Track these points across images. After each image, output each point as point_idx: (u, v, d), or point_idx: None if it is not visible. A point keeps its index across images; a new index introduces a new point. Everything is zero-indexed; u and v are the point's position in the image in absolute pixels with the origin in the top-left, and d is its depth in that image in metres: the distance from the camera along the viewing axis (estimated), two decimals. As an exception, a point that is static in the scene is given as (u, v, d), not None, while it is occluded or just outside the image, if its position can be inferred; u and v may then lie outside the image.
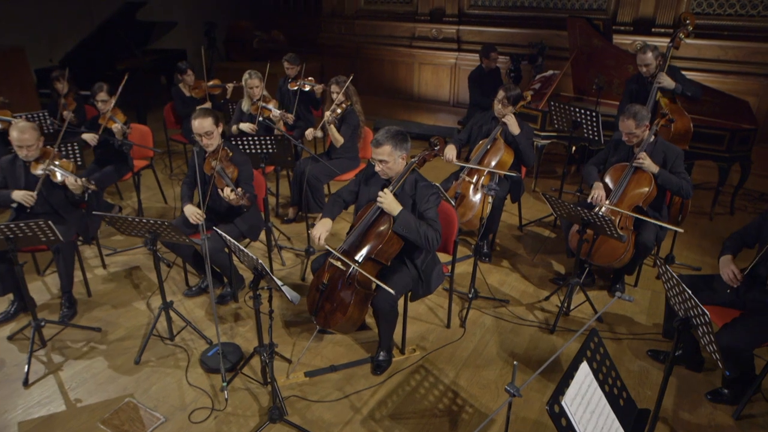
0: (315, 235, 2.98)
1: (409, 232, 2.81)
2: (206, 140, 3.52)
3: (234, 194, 3.35)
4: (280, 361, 3.22)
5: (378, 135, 2.88)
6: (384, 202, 2.83)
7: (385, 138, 2.85)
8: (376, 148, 2.86)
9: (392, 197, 2.85)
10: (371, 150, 2.91)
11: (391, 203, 2.83)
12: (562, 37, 6.88)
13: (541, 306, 3.82)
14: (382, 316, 2.97)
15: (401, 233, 2.82)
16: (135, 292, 3.97)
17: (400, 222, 2.81)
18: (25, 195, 3.49)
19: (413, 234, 2.81)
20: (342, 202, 3.24)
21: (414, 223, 2.82)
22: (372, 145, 2.89)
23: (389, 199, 2.83)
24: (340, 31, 9.10)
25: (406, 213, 2.84)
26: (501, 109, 4.19)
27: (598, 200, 3.67)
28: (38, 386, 3.03)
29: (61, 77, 5.42)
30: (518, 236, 4.87)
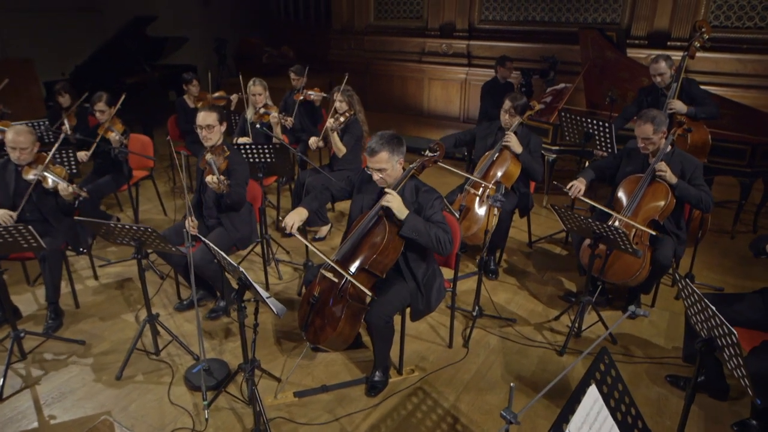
0: (288, 222, 2.84)
1: (419, 234, 2.62)
2: (206, 133, 3.43)
3: (215, 179, 3.27)
4: (269, 379, 3.02)
5: (372, 143, 2.71)
6: (393, 201, 2.64)
7: (380, 145, 2.68)
8: (372, 157, 2.69)
9: (400, 199, 2.67)
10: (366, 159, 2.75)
11: (400, 206, 2.66)
12: (574, 52, 6.73)
13: (550, 326, 3.58)
14: (376, 332, 2.77)
15: (410, 237, 2.63)
16: (125, 304, 3.82)
17: (409, 225, 2.63)
18: (3, 215, 3.34)
19: (423, 236, 2.62)
20: (329, 195, 3.09)
21: (423, 226, 2.64)
22: (367, 154, 2.72)
23: (398, 202, 2.65)
24: (349, 46, 9.06)
25: (413, 215, 2.66)
26: (508, 120, 4.02)
27: (574, 191, 3.59)
28: (13, 401, 2.87)
29: (63, 91, 5.35)
30: (527, 253, 4.65)
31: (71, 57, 7.91)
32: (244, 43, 9.85)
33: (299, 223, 2.87)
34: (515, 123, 4.02)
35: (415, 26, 8.39)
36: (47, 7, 8.10)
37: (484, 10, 7.71)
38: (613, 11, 6.65)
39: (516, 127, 4.04)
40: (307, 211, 2.96)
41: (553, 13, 7.14)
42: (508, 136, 3.94)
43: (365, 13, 8.81)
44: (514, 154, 4.01)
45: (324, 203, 3.11)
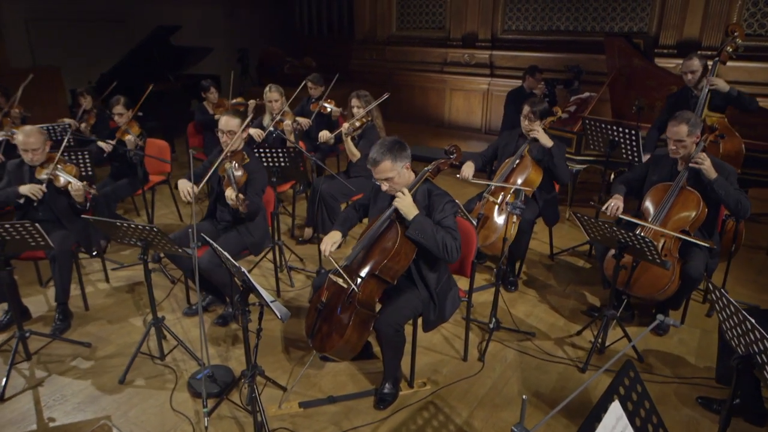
0: (323, 248, 2.74)
1: (425, 237, 2.50)
2: (226, 138, 3.40)
3: (234, 196, 3.20)
4: (273, 388, 2.91)
5: (372, 153, 2.59)
6: (401, 202, 2.54)
7: (381, 154, 2.57)
8: (376, 167, 2.58)
9: (411, 199, 2.56)
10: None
11: (409, 205, 2.55)
12: (599, 61, 6.57)
13: (572, 341, 3.40)
14: (385, 341, 2.64)
15: (415, 239, 2.52)
16: (134, 308, 3.76)
17: (416, 226, 2.51)
18: (32, 187, 3.36)
19: (429, 240, 2.50)
20: (356, 214, 2.98)
21: (430, 229, 2.52)
22: (369, 165, 2.62)
23: (408, 201, 2.55)
24: (371, 57, 9.04)
25: (422, 217, 2.55)
26: (528, 125, 3.88)
27: (613, 210, 3.36)
28: (14, 402, 2.81)
29: (85, 93, 5.44)
30: (548, 265, 4.47)
31: (97, 66, 8.05)
32: (266, 53, 9.92)
33: (334, 247, 2.77)
34: (536, 129, 3.87)
35: (437, 36, 8.33)
36: (76, 17, 8.28)
37: (507, 20, 7.61)
38: (640, 20, 6.48)
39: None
40: (341, 233, 2.86)
41: (578, 22, 7.00)
42: (535, 132, 3.79)
43: (387, 23, 8.80)
44: (536, 159, 3.87)
45: (354, 224, 3.02)
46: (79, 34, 8.29)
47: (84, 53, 8.19)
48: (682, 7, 6.05)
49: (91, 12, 8.48)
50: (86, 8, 8.42)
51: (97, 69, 7.92)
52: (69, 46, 8.08)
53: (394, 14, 8.69)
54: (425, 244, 2.52)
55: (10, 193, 3.42)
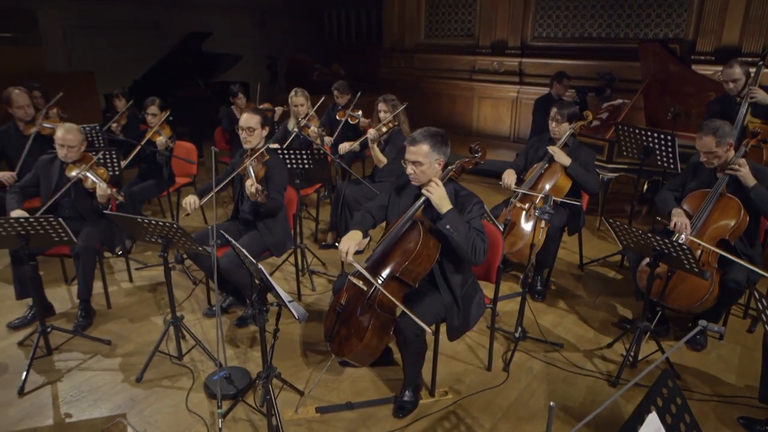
0: (342, 249, 2.57)
1: (457, 232, 2.39)
2: (246, 135, 3.40)
3: (253, 187, 3.16)
4: (290, 392, 2.84)
5: (415, 133, 2.54)
6: (434, 193, 2.44)
7: (423, 136, 2.50)
8: (412, 146, 2.51)
9: (444, 191, 2.47)
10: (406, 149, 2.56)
11: (443, 197, 2.44)
12: (633, 68, 6.40)
13: (602, 354, 3.24)
14: (406, 346, 2.54)
15: (447, 233, 2.41)
16: (155, 307, 3.76)
17: (449, 219, 2.41)
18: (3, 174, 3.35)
19: (461, 237, 2.39)
20: (371, 219, 2.87)
21: (463, 225, 2.42)
22: (407, 143, 2.55)
23: (442, 193, 2.45)
24: (399, 65, 9.02)
25: (456, 212, 2.45)
26: (555, 127, 3.77)
27: (682, 228, 3.09)
28: (32, 396, 2.81)
29: (121, 95, 5.55)
30: (578, 275, 4.31)
31: (130, 71, 8.22)
32: (295, 61, 10.01)
33: (355, 248, 2.61)
34: (565, 132, 3.75)
35: (465, 44, 8.26)
36: (111, 24, 8.50)
37: (537, 27, 7.49)
38: (676, 26, 6.28)
39: (567, 139, 3.78)
40: (361, 232, 2.73)
41: (611, 29, 6.84)
42: (552, 149, 3.68)
43: (416, 31, 8.77)
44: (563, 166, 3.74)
45: (369, 227, 2.92)
46: (113, 41, 8.51)
47: (118, 59, 8.39)
48: (720, 13, 5.84)
49: (127, 20, 8.70)
50: (122, 16, 8.64)
51: (130, 74, 8.09)
52: (104, 52, 8.29)
53: (423, 22, 8.66)
54: (456, 241, 2.41)
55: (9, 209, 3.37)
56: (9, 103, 4.32)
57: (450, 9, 8.31)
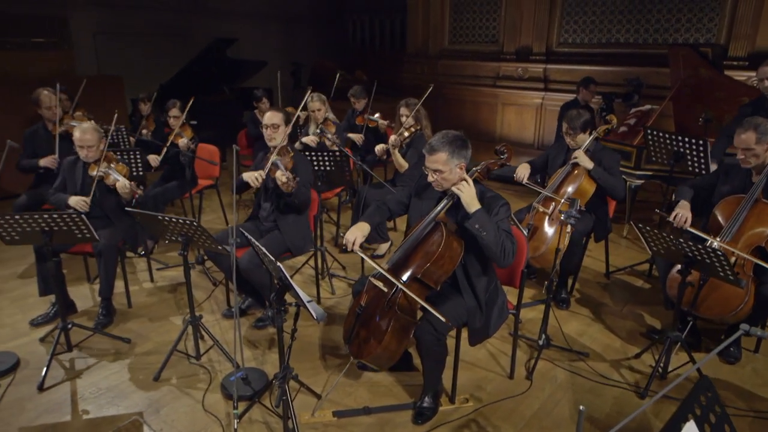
0: (349, 239, 2.58)
1: (485, 230, 2.33)
2: (271, 132, 3.43)
3: (284, 176, 3.15)
4: (308, 395, 2.79)
5: (432, 140, 2.48)
6: (464, 192, 2.39)
7: (440, 143, 2.45)
8: (430, 155, 2.46)
9: (474, 191, 2.41)
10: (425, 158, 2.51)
11: (473, 197, 2.39)
12: (662, 75, 6.26)
13: (629, 364, 3.12)
14: (426, 351, 2.48)
15: (474, 231, 2.35)
16: (175, 307, 3.76)
17: (478, 219, 2.35)
18: (78, 201, 3.44)
19: (490, 236, 2.33)
20: (386, 210, 2.84)
21: (492, 225, 2.36)
22: (425, 151, 2.49)
23: (472, 191, 2.40)
24: (422, 71, 8.99)
25: (485, 212, 2.39)
26: (570, 141, 3.69)
27: (681, 222, 3.08)
28: (52, 392, 2.81)
29: (146, 99, 5.63)
30: (604, 284, 4.18)
31: (157, 76, 8.36)
32: (319, 67, 10.06)
33: (361, 239, 2.62)
34: (584, 142, 3.65)
35: (489, 50, 8.19)
36: (140, 30, 8.67)
37: (563, 33, 7.39)
38: (707, 31, 6.12)
39: (590, 144, 3.68)
40: (369, 225, 2.72)
41: (638, 34, 6.70)
42: (576, 153, 3.59)
43: (440, 37, 8.74)
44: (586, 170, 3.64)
45: (383, 220, 2.88)
46: (141, 47, 8.67)
47: (145, 64, 8.54)
48: (754, 17, 5.67)
49: (155, 26, 8.86)
50: (150, 23, 8.80)
51: (157, 79, 8.22)
52: (132, 58, 8.45)
53: (447, 28, 8.62)
54: (485, 241, 2.34)
55: (61, 202, 3.50)
56: (38, 104, 4.42)
57: (474, 15, 8.26)
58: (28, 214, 2.73)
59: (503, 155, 2.64)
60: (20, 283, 4.06)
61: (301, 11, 11.11)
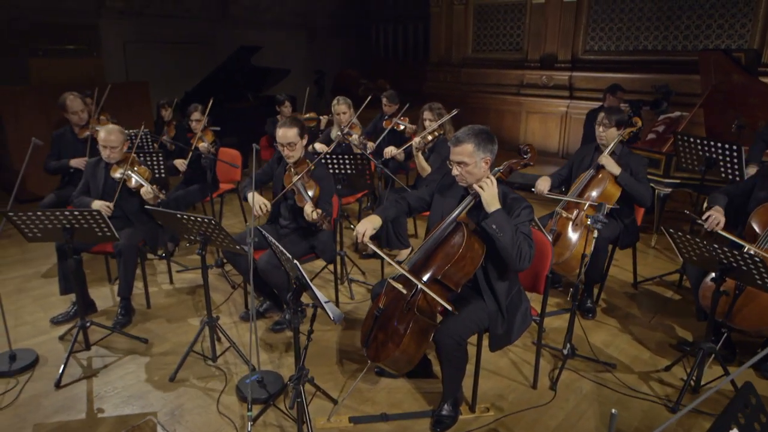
0: (360, 230, 2.51)
1: (503, 233, 2.26)
2: (288, 151, 3.31)
3: (315, 214, 3.05)
4: (324, 399, 2.73)
5: (458, 132, 2.44)
6: (486, 190, 2.33)
7: (466, 135, 2.40)
8: (455, 147, 2.40)
9: (496, 190, 2.35)
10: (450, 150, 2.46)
11: (494, 196, 2.33)
12: (692, 82, 6.11)
13: (659, 376, 2.99)
14: (445, 355, 2.40)
15: (491, 232, 2.29)
16: (193, 309, 3.74)
17: (496, 219, 2.28)
18: (102, 206, 3.45)
19: (506, 239, 2.26)
20: (406, 205, 2.77)
21: (510, 227, 2.29)
22: (450, 143, 2.44)
23: (494, 191, 2.34)
24: (445, 79, 8.95)
25: (504, 213, 2.32)
26: (602, 132, 3.57)
27: (713, 224, 2.94)
28: (68, 389, 2.81)
29: (167, 105, 5.69)
30: (631, 294, 4.04)
31: (183, 84, 8.50)
32: (342, 75, 10.12)
33: (371, 231, 2.57)
34: (613, 139, 3.54)
35: (514, 58, 8.12)
36: (167, 39, 8.84)
37: (589, 41, 7.28)
38: (739, 37, 5.96)
39: (615, 147, 3.57)
40: (381, 219, 2.66)
41: (667, 41, 6.56)
42: (602, 157, 3.48)
43: (463, 46, 8.70)
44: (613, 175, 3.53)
45: (401, 213, 2.80)
46: (169, 55, 8.83)
47: (172, 72, 8.68)
48: (789, 22, 5.51)
49: (182, 35, 9.02)
50: (177, 32, 8.97)
51: (182, 86, 8.35)
52: (159, 65, 8.61)
53: (471, 36, 8.58)
54: (501, 242, 2.27)
55: (84, 206, 3.52)
56: (64, 109, 4.48)
57: (498, 23, 8.21)
58: (50, 210, 2.75)
59: (526, 155, 2.56)
60: (43, 282, 4.10)
61: (325, 21, 11.21)
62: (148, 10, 8.60)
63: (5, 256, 4.59)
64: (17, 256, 4.60)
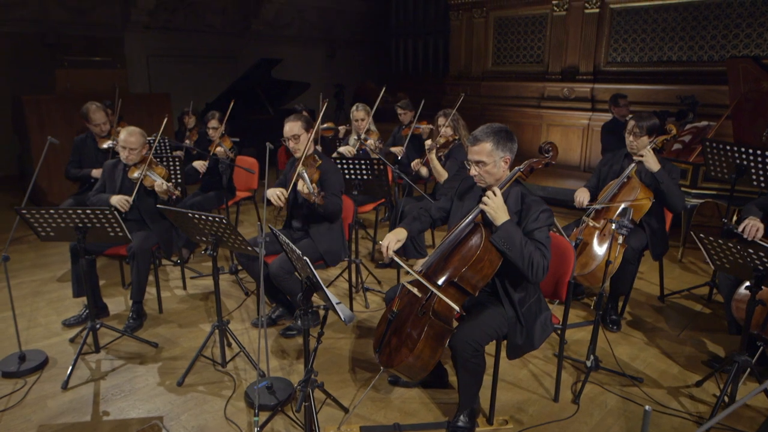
0: (384, 244, 2.44)
1: (510, 246, 2.18)
2: (293, 144, 3.30)
3: (305, 188, 3.02)
4: (334, 407, 2.62)
5: (476, 131, 2.36)
6: (491, 204, 2.25)
7: (484, 134, 2.32)
8: (473, 146, 2.33)
9: (502, 201, 2.26)
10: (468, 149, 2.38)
11: (499, 208, 2.25)
12: (718, 93, 5.95)
13: (690, 392, 2.82)
14: (462, 362, 2.28)
15: (500, 247, 2.20)
16: (205, 314, 3.69)
17: (502, 233, 2.20)
18: (120, 200, 3.44)
19: (515, 251, 2.17)
20: (428, 218, 2.69)
21: (519, 239, 2.19)
22: (468, 142, 2.37)
23: (498, 203, 2.25)
24: (465, 92, 8.84)
25: (512, 224, 2.23)
26: (633, 141, 3.43)
27: (752, 233, 2.80)
28: (75, 391, 2.76)
29: (190, 113, 5.75)
30: (658, 307, 3.87)
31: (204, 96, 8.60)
32: (362, 89, 10.14)
33: (398, 245, 2.47)
34: (644, 147, 3.41)
35: (534, 71, 8.04)
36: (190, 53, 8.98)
37: (611, 52, 7.17)
38: (769, 46, 5.80)
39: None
40: (407, 231, 2.58)
41: (692, 51, 6.42)
42: (644, 151, 3.32)
43: (483, 59, 8.66)
44: (645, 183, 3.39)
45: (425, 228, 2.73)
46: (191, 69, 8.97)
47: (194, 85, 8.79)
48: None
49: (204, 49, 9.16)
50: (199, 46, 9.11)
51: (204, 99, 8.45)
52: (181, 78, 8.74)
53: (491, 49, 8.54)
54: (509, 256, 2.19)
55: (102, 202, 3.51)
56: (87, 119, 4.52)
57: (519, 36, 8.16)
58: (62, 208, 2.73)
59: (548, 153, 2.47)
60: (58, 286, 4.09)
61: (345, 36, 11.30)
62: (172, 24, 8.75)
63: (23, 260, 4.61)
64: (35, 261, 4.62)
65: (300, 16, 10.54)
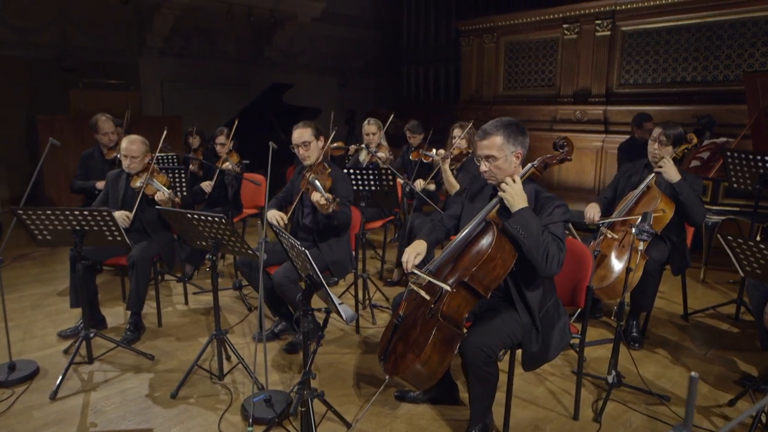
0: (404, 259, 2.27)
1: (526, 233, 2.04)
2: (302, 151, 3.21)
3: (323, 199, 2.87)
4: (336, 422, 2.45)
5: (486, 125, 2.26)
6: (508, 191, 2.12)
7: (494, 127, 2.21)
8: (483, 140, 2.22)
9: (521, 188, 2.14)
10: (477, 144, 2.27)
11: (517, 195, 2.12)
12: (735, 112, 5.83)
13: (722, 412, 2.60)
14: (472, 369, 2.12)
15: (515, 233, 2.06)
16: (206, 329, 3.55)
17: (518, 219, 2.07)
18: (121, 215, 3.36)
19: (531, 239, 2.04)
20: (443, 231, 2.53)
21: (536, 227, 2.06)
22: (478, 137, 2.26)
23: (517, 190, 2.13)
24: (476, 117, 8.83)
25: (530, 211, 2.10)
26: (656, 150, 3.29)
27: None
28: (64, 402, 2.61)
29: (195, 132, 5.75)
30: (681, 326, 3.66)
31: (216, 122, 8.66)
32: (371, 114, 10.14)
33: (418, 259, 2.28)
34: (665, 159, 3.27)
35: (546, 94, 7.99)
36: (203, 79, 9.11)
37: (624, 74, 7.11)
38: (786, 65, 5.69)
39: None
40: (426, 243, 2.41)
41: (707, 71, 6.33)
42: (663, 161, 3.18)
43: (494, 83, 8.65)
44: (666, 194, 3.23)
45: (441, 238, 2.58)
46: (204, 94, 9.08)
47: (206, 110, 8.87)
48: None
49: (217, 76, 9.29)
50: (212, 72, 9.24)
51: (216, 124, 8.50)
52: (193, 103, 8.83)
53: (502, 74, 8.54)
54: (524, 243, 2.05)
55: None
56: (95, 129, 4.52)
57: (530, 60, 8.16)
58: (59, 209, 2.65)
59: (563, 149, 2.35)
60: (58, 300, 3.99)
61: (357, 63, 11.42)
62: (186, 50, 8.89)
63: (25, 275, 4.53)
64: (37, 276, 4.54)
65: (312, 45, 10.69)
